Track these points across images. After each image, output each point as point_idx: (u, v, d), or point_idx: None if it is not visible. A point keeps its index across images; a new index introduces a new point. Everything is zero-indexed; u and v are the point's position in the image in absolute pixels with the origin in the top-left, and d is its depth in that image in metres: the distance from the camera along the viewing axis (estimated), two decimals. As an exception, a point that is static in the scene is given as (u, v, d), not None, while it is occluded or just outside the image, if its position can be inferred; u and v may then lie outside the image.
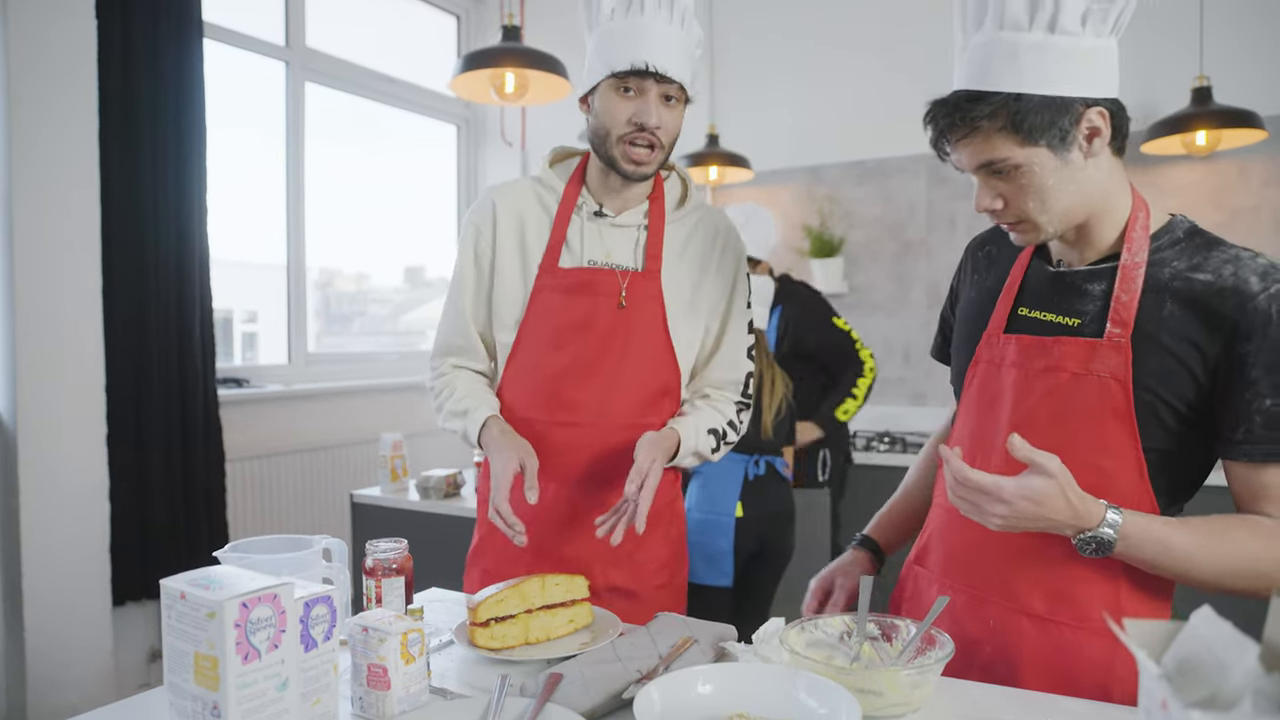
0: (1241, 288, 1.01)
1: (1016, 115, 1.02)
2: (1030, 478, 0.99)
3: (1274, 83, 3.31)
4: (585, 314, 1.49)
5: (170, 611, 0.92)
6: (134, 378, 2.98)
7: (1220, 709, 0.61)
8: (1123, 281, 1.07)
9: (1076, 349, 1.08)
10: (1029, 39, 1.01)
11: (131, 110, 2.98)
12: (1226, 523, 1.04)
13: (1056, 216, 1.08)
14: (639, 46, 1.37)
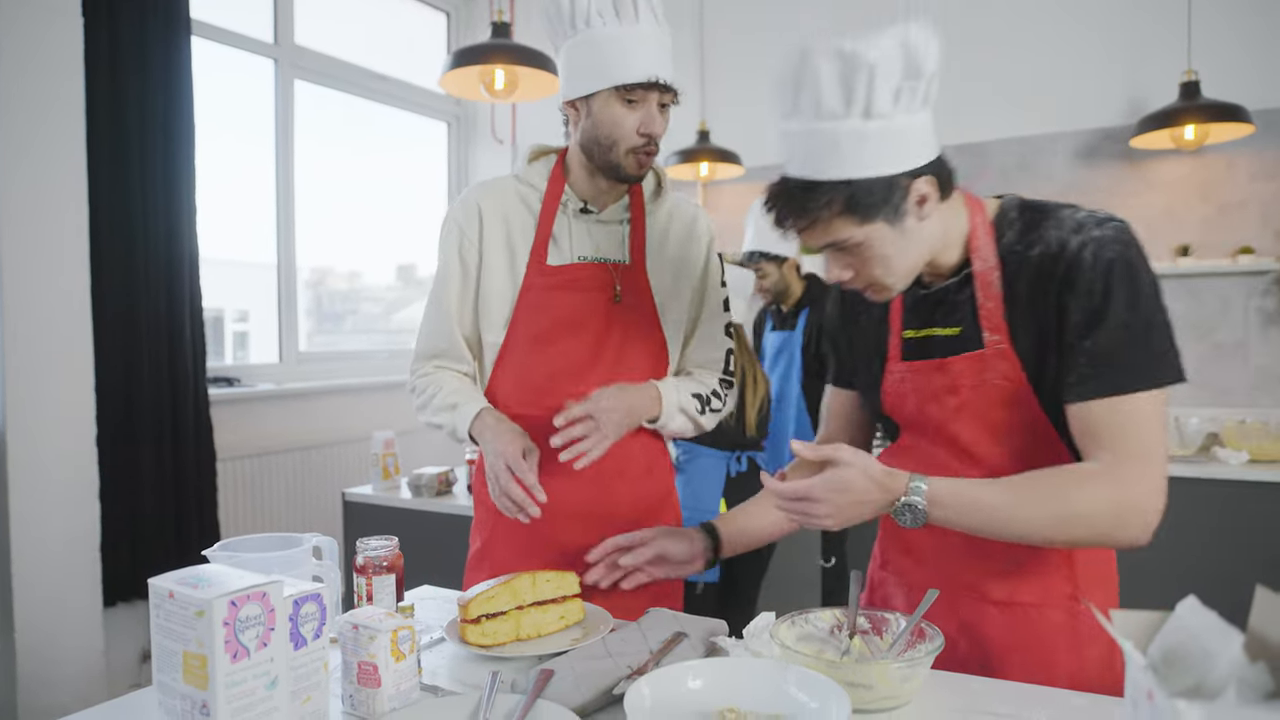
0: (1064, 247, 1.07)
1: (850, 200, 1.06)
2: (829, 471, 1.06)
3: (1262, 77, 3.32)
4: (579, 310, 1.49)
5: (159, 611, 0.92)
6: (124, 377, 2.97)
7: (1205, 698, 0.61)
8: (983, 290, 1.13)
9: (968, 365, 1.14)
10: (846, 127, 1.04)
11: (119, 108, 2.96)
12: (1036, 475, 1.07)
13: (903, 275, 1.13)
14: (640, 57, 1.37)
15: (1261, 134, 3.27)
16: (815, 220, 1.08)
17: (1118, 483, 1.02)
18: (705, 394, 1.56)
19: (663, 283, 1.55)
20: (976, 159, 3.81)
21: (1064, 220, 1.10)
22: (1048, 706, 1.03)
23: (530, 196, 1.54)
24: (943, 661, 1.15)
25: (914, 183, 1.08)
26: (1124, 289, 1.03)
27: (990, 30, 3.76)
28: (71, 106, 2.74)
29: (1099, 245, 1.05)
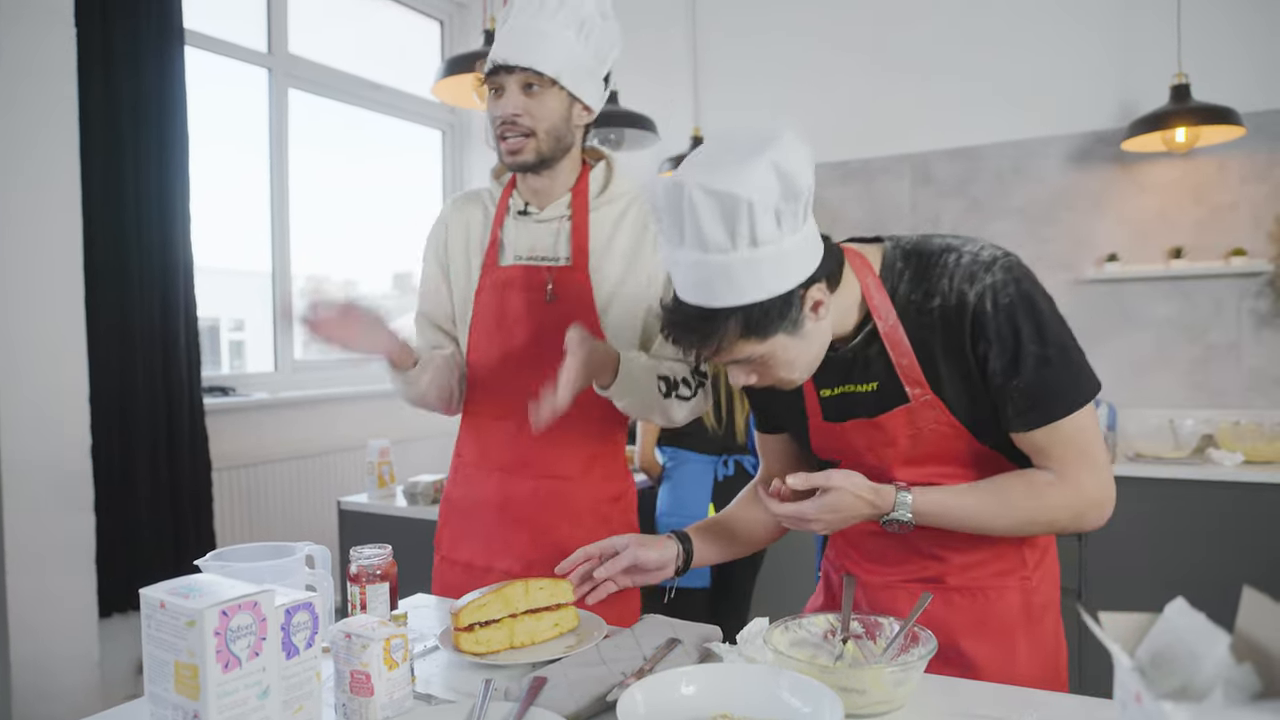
0: (963, 301, 1.12)
1: (747, 322, 1.06)
2: (822, 495, 1.14)
3: (1252, 79, 3.34)
4: (516, 309, 1.54)
5: (150, 621, 0.92)
6: (118, 387, 2.97)
7: (1192, 700, 0.61)
8: (893, 348, 1.17)
9: (898, 419, 1.19)
10: (736, 257, 1.03)
11: (113, 118, 2.97)
12: (1006, 483, 1.16)
13: (807, 368, 1.16)
14: (499, 46, 1.46)
15: (1252, 136, 3.29)
16: (716, 343, 1.08)
17: (1072, 487, 1.14)
18: (674, 379, 1.52)
19: (606, 282, 1.54)
20: (970, 163, 3.82)
21: (950, 268, 1.14)
22: (1039, 709, 1.03)
23: (489, 203, 1.64)
24: None
25: (808, 291, 1.09)
26: (1029, 325, 1.11)
27: (983, 34, 3.78)
28: (65, 116, 2.75)
29: (994, 292, 1.11)
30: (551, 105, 1.48)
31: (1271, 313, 3.38)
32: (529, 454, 1.55)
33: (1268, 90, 3.33)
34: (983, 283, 1.12)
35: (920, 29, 3.90)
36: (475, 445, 1.64)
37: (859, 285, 1.18)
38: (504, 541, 1.58)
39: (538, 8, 1.45)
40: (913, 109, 3.92)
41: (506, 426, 1.56)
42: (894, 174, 3.99)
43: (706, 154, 1.07)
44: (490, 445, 1.58)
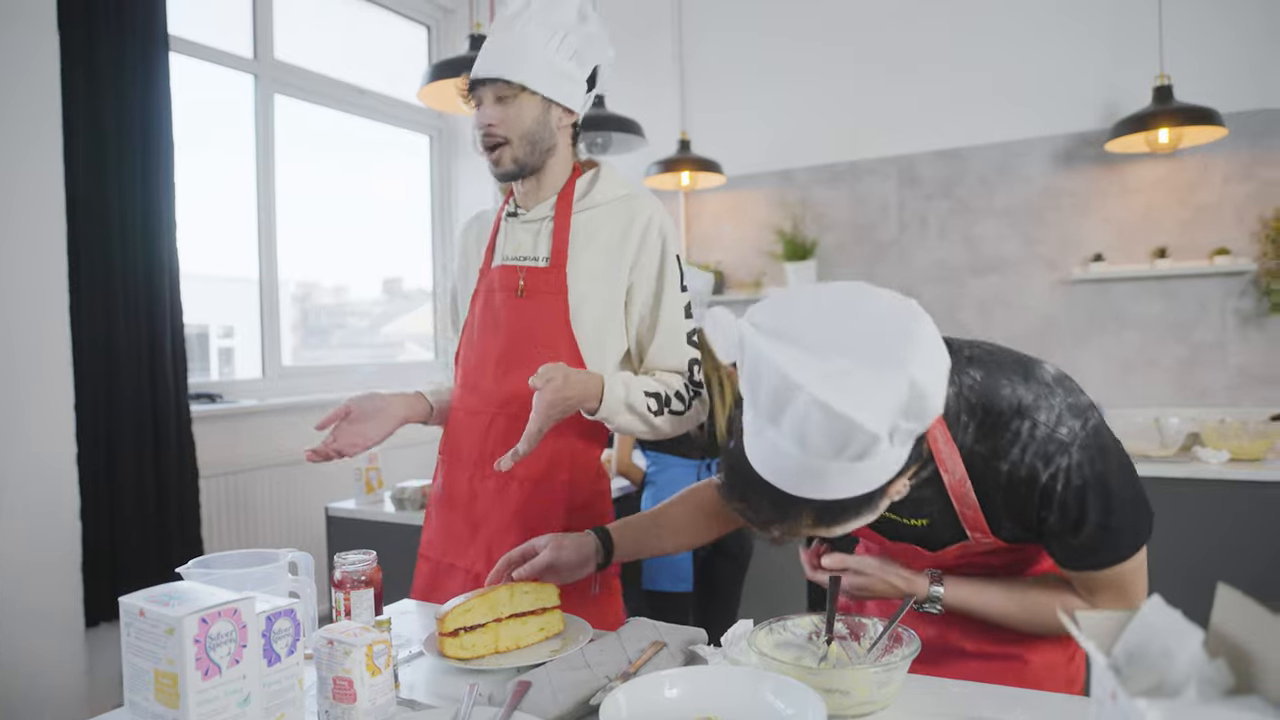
0: (1033, 475, 1.07)
1: (825, 515, 0.96)
2: (854, 577, 1.20)
3: (1233, 79, 3.36)
4: (493, 308, 1.58)
5: (129, 629, 0.91)
6: (104, 395, 2.95)
7: (1167, 697, 0.62)
8: (958, 500, 1.12)
9: (953, 553, 1.20)
10: (835, 466, 0.90)
11: (97, 124, 2.95)
12: (1038, 598, 1.19)
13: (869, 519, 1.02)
14: (476, 64, 1.51)
15: (1234, 136, 3.31)
16: (791, 526, 0.99)
17: None
18: (665, 394, 1.50)
19: (581, 279, 1.53)
20: (956, 164, 3.84)
21: (1024, 439, 1.06)
22: (1025, 709, 1.03)
23: (494, 211, 1.71)
24: None
25: (894, 484, 0.97)
26: (1097, 504, 1.07)
27: (968, 37, 3.80)
28: (48, 123, 2.73)
29: (1067, 475, 1.06)
30: (525, 112, 1.50)
31: (1255, 311, 3.41)
32: (496, 452, 1.48)
33: (1249, 91, 3.36)
34: (1057, 464, 1.06)
35: (906, 32, 3.92)
36: (449, 442, 1.66)
37: (928, 440, 1.05)
38: (469, 539, 1.59)
39: (510, 20, 1.49)
40: (899, 111, 3.93)
41: (476, 423, 1.58)
42: (880, 175, 4.01)
43: (826, 343, 0.89)
44: (462, 443, 1.61)
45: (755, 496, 0.97)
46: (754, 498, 0.98)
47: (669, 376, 1.55)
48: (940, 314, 3.87)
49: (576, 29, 1.51)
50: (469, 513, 1.59)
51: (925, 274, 3.93)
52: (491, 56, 1.49)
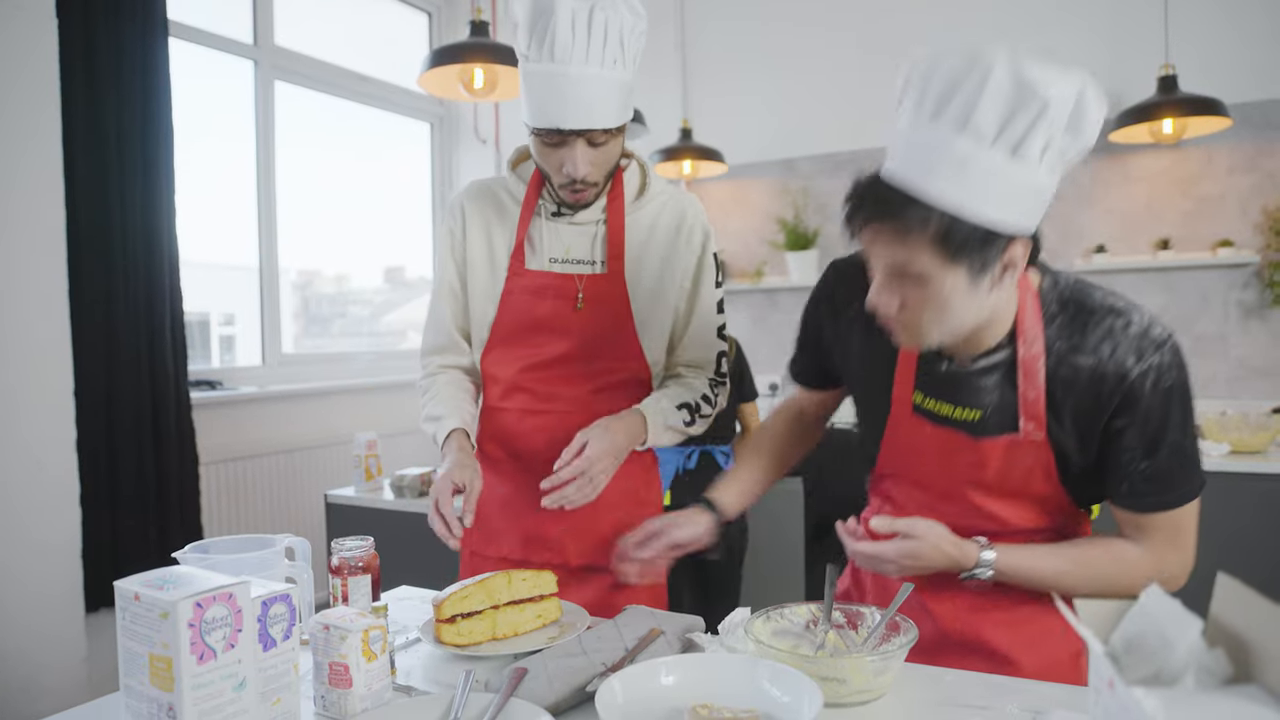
0: (1120, 370, 1.06)
1: (948, 232, 0.97)
2: (904, 541, 1.12)
3: (1238, 70, 3.34)
4: (547, 316, 1.50)
5: (125, 613, 0.91)
6: (103, 381, 2.95)
7: (1164, 685, 0.61)
8: (1027, 378, 1.10)
9: (997, 448, 1.14)
10: (985, 156, 0.95)
11: (96, 111, 2.94)
12: (1091, 552, 1.16)
13: (947, 333, 1.08)
14: (554, 102, 1.31)
15: (1239, 127, 3.30)
16: (902, 233, 0.99)
17: (1156, 564, 1.13)
18: (694, 401, 1.52)
19: (641, 288, 1.51)
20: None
21: (1116, 334, 1.07)
22: (1020, 697, 1.03)
23: (511, 199, 1.55)
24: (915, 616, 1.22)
25: (1013, 244, 1.00)
26: (1179, 413, 1.07)
27: (971, 25, 3.78)
28: (47, 109, 2.72)
29: (1158, 373, 1.05)
30: (613, 149, 1.42)
31: (1258, 304, 3.40)
32: (560, 444, 1.46)
33: (1255, 81, 3.34)
34: (1149, 361, 1.06)
35: (909, 20, 3.90)
36: (501, 442, 1.59)
37: (1017, 303, 1.10)
38: (541, 536, 1.54)
39: (585, 51, 1.31)
40: (902, 101, 3.91)
41: (538, 420, 1.53)
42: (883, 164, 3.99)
43: (1025, 43, 0.95)
44: (518, 435, 1.55)
45: (879, 195, 1.00)
46: (876, 197, 1.01)
47: (695, 379, 1.56)
48: (942, 305, 3.86)
49: (634, 28, 1.36)
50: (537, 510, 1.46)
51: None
52: (574, 100, 1.31)
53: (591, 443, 1.37)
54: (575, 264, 1.50)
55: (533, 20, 1.31)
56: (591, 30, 1.27)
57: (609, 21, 1.29)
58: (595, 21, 1.27)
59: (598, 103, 1.32)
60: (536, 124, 1.35)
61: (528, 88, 1.34)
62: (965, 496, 1.20)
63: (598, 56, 1.29)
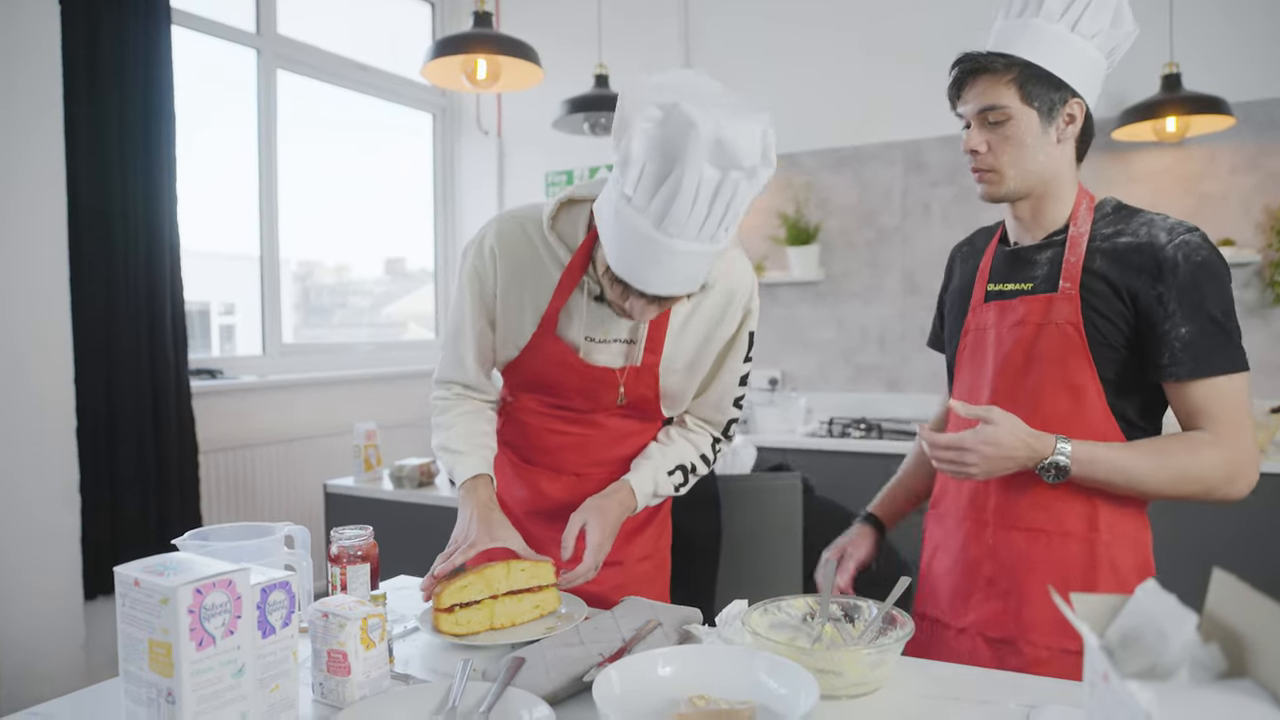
0: (1154, 242, 1.23)
1: (1024, 75, 1.27)
2: (983, 428, 1.21)
3: (1242, 68, 3.34)
4: (584, 410, 1.49)
5: (125, 599, 0.91)
6: (104, 369, 2.95)
7: (1159, 679, 0.62)
8: (1071, 248, 1.30)
9: (1037, 304, 1.30)
10: (1053, 28, 1.26)
11: (98, 99, 2.94)
12: (1165, 441, 1.24)
13: (1021, 175, 1.31)
14: (646, 267, 1.15)
15: (1242, 126, 3.29)
16: (991, 73, 1.28)
17: (1227, 448, 1.21)
18: (691, 463, 1.53)
19: (675, 366, 1.46)
20: (962, 150, 3.81)
21: (1151, 219, 1.26)
22: (1016, 691, 1.04)
23: (552, 259, 1.39)
24: (968, 584, 1.35)
25: (1073, 99, 1.28)
26: (1213, 288, 1.20)
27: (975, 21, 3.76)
28: (49, 96, 2.72)
29: (1188, 247, 1.21)
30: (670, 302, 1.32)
31: (1260, 303, 3.39)
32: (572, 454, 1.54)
33: (1258, 80, 3.33)
34: (1181, 237, 1.22)
35: (913, 16, 3.89)
36: (513, 445, 1.60)
37: (1074, 200, 1.33)
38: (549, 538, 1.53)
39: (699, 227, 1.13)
40: (905, 96, 3.90)
41: (553, 436, 1.53)
42: (885, 161, 3.99)
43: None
44: (539, 449, 1.56)
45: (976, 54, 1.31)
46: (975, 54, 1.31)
47: (699, 435, 1.56)
48: (942, 301, 3.86)
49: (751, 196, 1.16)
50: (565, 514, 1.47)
51: (929, 260, 3.91)
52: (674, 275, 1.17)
53: (591, 529, 1.37)
54: (611, 343, 1.43)
55: (655, 180, 1.09)
56: (714, 204, 1.09)
57: (736, 193, 1.09)
58: (722, 194, 1.08)
59: (691, 275, 1.17)
60: (618, 272, 1.19)
61: (619, 231, 1.15)
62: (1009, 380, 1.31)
63: (710, 232, 1.12)
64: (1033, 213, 1.35)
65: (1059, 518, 1.29)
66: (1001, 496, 1.32)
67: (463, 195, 5.08)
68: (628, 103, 1.11)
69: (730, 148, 1.04)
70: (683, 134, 1.04)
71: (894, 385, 4.00)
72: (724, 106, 1.06)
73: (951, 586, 1.39)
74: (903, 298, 3.95)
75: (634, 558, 1.57)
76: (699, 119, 1.03)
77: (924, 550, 1.50)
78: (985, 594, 1.33)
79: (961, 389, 1.43)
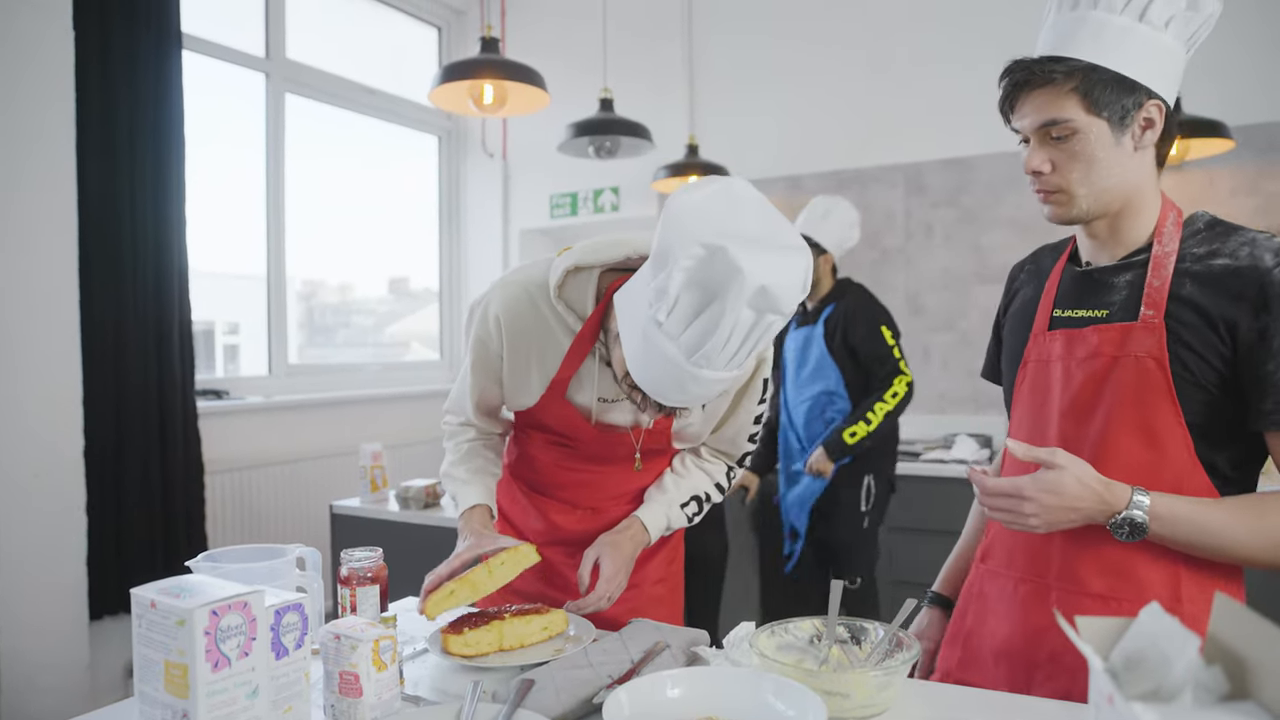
0: (1258, 265, 1.05)
1: (1088, 81, 1.09)
2: (1044, 473, 1.04)
3: (1241, 92, 3.37)
4: (597, 477, 1.52)
5: (141, 620, 0.92)
6: (112, 390, 2.97)
7: (1163, 701, 0.63)
8: (1155, 270, 1.12)
9: (1113, 334, 1.12)
10: (1117, 21, 1.08)
11: (110, 121, 2.98)
12: (1265, 499, 1.05)
13: (1094, 194, 1.13)
14: (669, 388, 1.13)
15: (1241, 149, 3.31)
16: (1048, 84, 1.10)
17: None
18: (705, 492, 1.55)
19: (689, 428, 1.47)
20: (964, 173, 3.84)
21: (1253, 238, 1.09)
22: (1024, 714, 1.04)
23: (562, 327, 1.37)
24: (1027, 658, 1.17)
25: (1149, 101, 1.10)
26: None
27: (977, 45, 3.81)
28: (62, 119, 2.76)
29: None
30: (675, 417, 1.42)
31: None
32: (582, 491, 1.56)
33: (1257, 103, 3.36)
34: None
35: (915, 39, 3.93)
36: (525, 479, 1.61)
37: (1160, 213, 1.16)
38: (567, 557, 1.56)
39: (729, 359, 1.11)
40: (907, 119, 3.94)
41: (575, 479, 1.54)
42: (887, 183, 4.02)
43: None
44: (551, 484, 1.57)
45: (1028, 62, 1.13)
46: (1026, 62, 1.13)
47: (713, 464, 1.58)
48: (944, 322, 3.88)
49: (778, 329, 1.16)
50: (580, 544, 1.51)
51: (931, 281, 3.93)
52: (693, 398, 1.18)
53: (605, 562, 1.39)
54: (624, 401, 1.42)
55: (692, 312, 1.06)
56: (746, 341, 1.07)
57: (770, 330, 1.08)
58: (755, 332, 1.06)
59: (711, 394, 1.16)
60: (640, 384, 1.17)
61: (648, 352, 1.12)
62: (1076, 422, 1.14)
63: (739, 362, 1.11)
64: (1110, 230, 1.17)
65: (1137, 584, 1.10)
66: (1066, 555, 1.14)
67: (468, 216, 5.12)
68: (672, 232, 1.05)
69: (773, 294, 1.02)
70: (726, 277, 1.01)
71: (898, 406, 4.00)
72: (769, 249, 1.03)
73: (1007, 658, 1.20)
74: (907, 319, 3.97)
75: (649, 581, 1.58)
76: (745, 266, 0.99)
77: (966, 604, 1.32)
78: (1048, 672, 1.15)
79: (1020, 429, 1.24)
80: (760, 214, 1.07)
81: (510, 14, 4.85)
